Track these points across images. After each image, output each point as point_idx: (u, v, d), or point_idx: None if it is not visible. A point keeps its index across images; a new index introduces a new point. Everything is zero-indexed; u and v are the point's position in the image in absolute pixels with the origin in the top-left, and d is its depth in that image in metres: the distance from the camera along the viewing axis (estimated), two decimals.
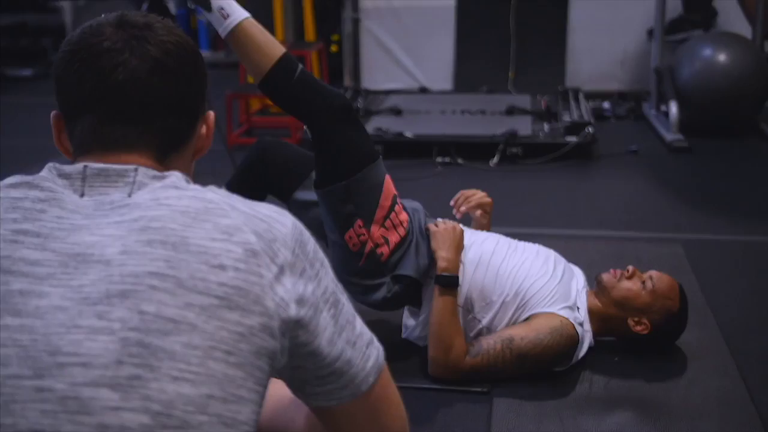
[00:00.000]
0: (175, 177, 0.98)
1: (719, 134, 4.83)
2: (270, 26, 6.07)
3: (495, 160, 4.44)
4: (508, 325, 2.28)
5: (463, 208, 2.51)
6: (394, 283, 2.30)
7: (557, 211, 3.78)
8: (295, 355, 0.96)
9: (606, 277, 2.39)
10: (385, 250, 2.27)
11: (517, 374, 2.23)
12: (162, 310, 0.87)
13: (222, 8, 2.17)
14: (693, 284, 2.86)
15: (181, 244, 0.91)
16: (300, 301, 0.95)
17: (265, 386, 0.94)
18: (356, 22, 5.95)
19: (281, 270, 0.94)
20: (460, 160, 4.46)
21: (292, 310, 0.94)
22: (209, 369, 0.87)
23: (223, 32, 2.18)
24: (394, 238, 2.28)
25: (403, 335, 2.38)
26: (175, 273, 0.89)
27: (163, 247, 0.90)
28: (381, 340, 2.58)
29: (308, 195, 2.38)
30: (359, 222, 2.25)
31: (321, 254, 1.02)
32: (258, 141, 2.55)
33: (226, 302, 0.90)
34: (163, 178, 0.98)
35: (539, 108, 5.08)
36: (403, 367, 2.33)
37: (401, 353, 2.37)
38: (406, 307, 2.44)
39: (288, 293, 0.94)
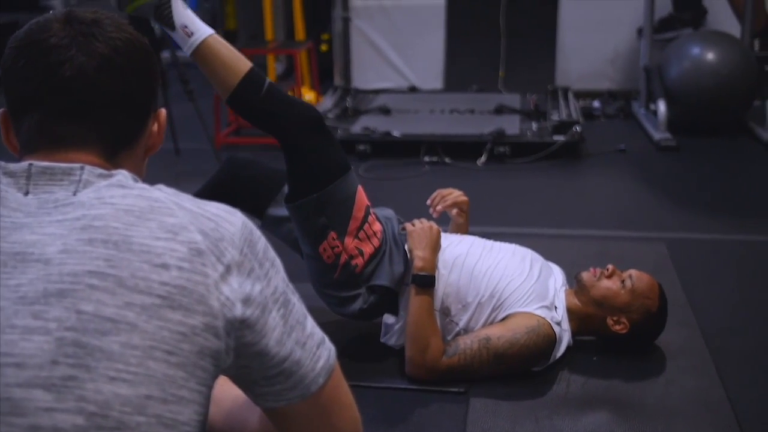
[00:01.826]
0: (122, 175, 0.97)
1: (708, 133, 4.83)
2: (260, 26, 6.07)
3: (482, 159, 4.44)
4: (485, 325, 2.27)
5: (439, 207, 2.50)
6: (370, 293, 2.29)
7: (543, 210, 3.77)
8: (241, 355, 0.95)
9: (585, 275, 2.38)
10: (359, 261, 2.27)
11: (494, 374, 2.22)
12: (101, 310, 0.86)
13: (185, 26, 2.15)
14: (675, 283, 2.85)
15: (124, 243, 0.90)
16: (246, 301, 0.94)
17: (209, 386, 0.93)
18: (346, 21, 5.95)
19: (228, 269, 0.93)
20: (447, 160, 4.45)
21: (238, 310, 0.93)
22: (149, 369, 0.86)
23: (188, 50, 2.17)
24: (368, 249, 2.28)
25: (382, 339, 2.37)
26: (116, 272, 0.88)
27: (105, 246, 0.89)
28: (359, 340, 2.58)
29: (281, 211, 2.38)
30: (333, 234, 2.24)
31: (272, 254, 1.01)
32: (228, 159, 2.57)
33: (168, 302, 0.89)
34: (109, 176, 0.97)
35: (528, 107, 5.07)
36: (380, 368, 2.33)
37: (378, 353, 2.37)
38: None
39: (234, 293, 0.93)
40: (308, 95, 5.58)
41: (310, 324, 1.03)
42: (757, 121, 4.80)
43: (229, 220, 0.98)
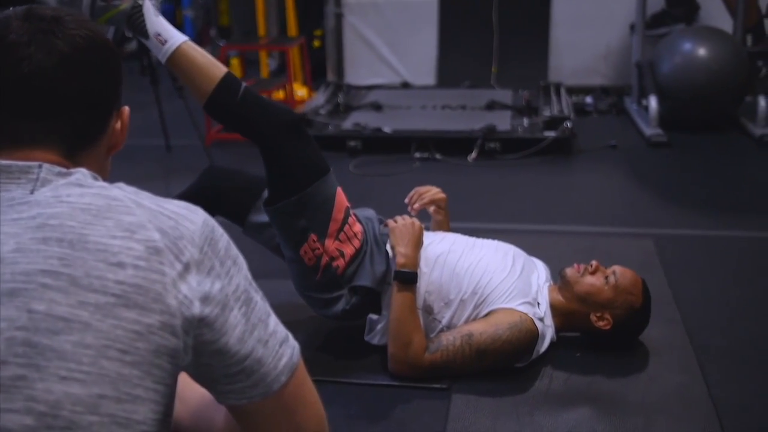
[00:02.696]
0: (81, 174, 0.97)
1: (699, 129, 4.82)
2: (254, 22, 6.06)
3: (473, 155, 4.43)
4: (468, 322, 2.27)
5: (417, 205, 2.50)
6: (352, 294, 2.30)
7: (532, 206, 3.76)
8: (201, 353, 0.95)
9: (569, 271, 2.38)
10: (340, 263, 2.27)
11: (477, 370, 2.22)
12: (53, 309, 0.85)
13: (159, 34, 2.18)
14: (661, 279, 2.85)
15: (79, 241, 0.89)
16: (205, 299, 0.94)
17: (168, 384, 0.92)
18: (339, 18, 5.93)
19: (186, 268, 0.93)
20: (438, 156, 4.44)
21: (196, 308, 0.92)
22: (102, 368, 0.86)
23: (162, 58, 2.19)
24: (349, 250, 2.28)
25: (365, 337, 2.36)
26: (70, 271, 0.87)
27: (59, 244, 0.88)
28: (342, 337, 2.57)
29: (262, 217, 2.40)
30: (313, 236, 2.25)
31: (234, 252, 1.01)
32: (207, 168, 2.58)
33: (123, 300, 0.88)
34: (68, 175, 0.97)
35: (520, 103, 5.06)
36: (363, 364, 2.33)
37: (361, 350, 2.37)
38: None
39: (192, 291, 0.93)
40: (300, 91, 5.58)
41: (273, 322, 1.03)
42: (749, 117, 4.79)
43: (190, 218, 0.97)
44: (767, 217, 3.56)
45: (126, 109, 1.09)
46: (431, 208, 2.55)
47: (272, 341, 1.01)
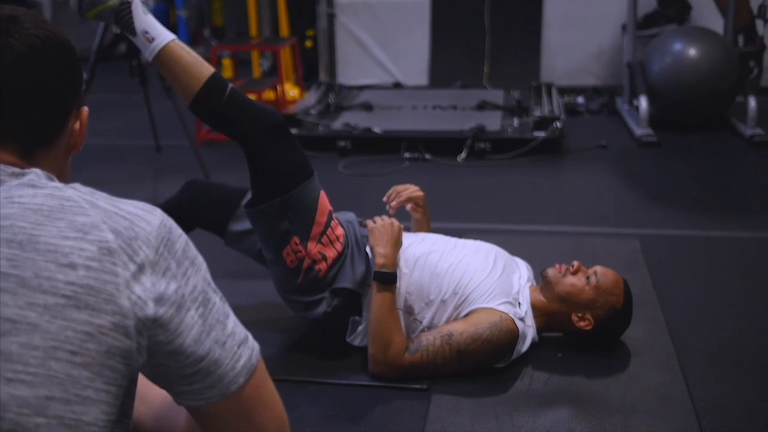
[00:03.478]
0: (35, 174, 0.97)
1: (689, 129, 4.83)
2: (247, 22, 6.06)
3: (462, 155, 4.43)
4: (448, 322, 2.27)
5: (394, 203, 2.51)
6: (333, 297, 2.30)
7: (520, 207, 3.76)
8: (155, 353, 0.95)
9: (551, 272, 2.38)
10: (323, 266, 2.28)
11: (457, 371, 2.22)
12: (0, 311, 0.85)
13: (146, 32, 2.17)
14: (645, 280, 2.85)
15: (29, 242, 0.89)
16: (159, 300, 0.93)
17: (121, 386, 0.92)
18: (331, 18, 5.94)
19: (140, 268, 0.93)
20: (428, 156, 4.44)
21: (150, 309, 0.92)
22: (50, 370, 0.85)
23: (149, 56, 2.18)
24: (331, 253, 2.29)
25: (347, 338, 2.36)
26: (19, 272, 0.87)
27: (8, 245, 0.88)
28: (323, 338, 2.56)
29: (241, 226, 2.42)
30: (295, 239, 2.25)
31: (192, 253, 1.00)
32: (185, 183, 2.58)
33: (74, 301, 0.88)
34: (21, 175, 0.96)
35: (511, 103, 5.06)
36: (343, 365, 2.33)
37: (342, 350, 2.36)
38: None
39: (146, 292, 0.92)
40: (292, 91, 5.58)
41: (232, 323, 1.02)
42: (739, 117, 4.79)
43: (146, 219, 0.97)
44: (755, 217, 3.56)
45: (85, 109, 1.09)
46: (408, 206, 2.55)
47: (230, 342, 1.00)
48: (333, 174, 4.26)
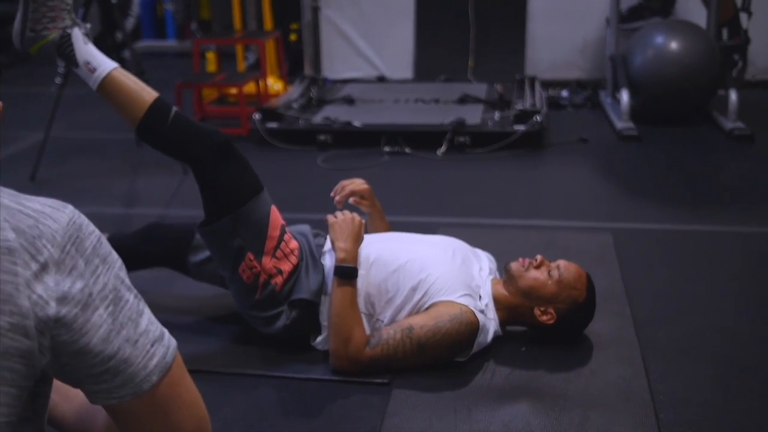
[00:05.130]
0: None
1: (671, 122, 4.82)
2: (228, 16, 6.04)
3: (442, 149, 4.42)
4: (409, 316, 2.27)
5: (338, 198, 2.53)
6: (291, 309, 2.31)
7: (496, 201, 3.76)
8: (59, 353, 0.94)
9: (514, 266, 2.37)
10: (278, 280, 2.30)
11: (418, 364, 2.22)
12: None
13: (88, 62, 2.23)
14: (615, 273, 2.85)
15: None
16: (63, 300, 0.92)
17: (22, 386, 0.91)
18: (315, 11, 5.92)
19: (43, 267, 0.92)
20: (407, 150, 4.43)
21: (52, 309, 0.91)
22: None
23: (93, 85, 2.25)
24: (286, 267, 2.31)
25: (312, 343, 2.36)
26: None
27: None
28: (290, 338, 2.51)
29: (200, 256, 2.47)
30: (250, 255, 2.28)
31: (104, 251, 0.99)
32: (142, 228, 2.61)
33: None
34: None
35: (493, 97, 5.05)
36: (305, 358, 2.33)
37: (304, 344, 2.36)
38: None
39: (49, 291, 0.92)
40: (276, 85, 5.56)
41: (146, 321, 1.01)
42: (720, 111, 4.78)
43: (54, 217, 0.96)
44: (731, 210, 3.56)
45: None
46: (351, 199, 2.56)
47: (143, 340, 0.99)
48: (312, 168, 4.25)
